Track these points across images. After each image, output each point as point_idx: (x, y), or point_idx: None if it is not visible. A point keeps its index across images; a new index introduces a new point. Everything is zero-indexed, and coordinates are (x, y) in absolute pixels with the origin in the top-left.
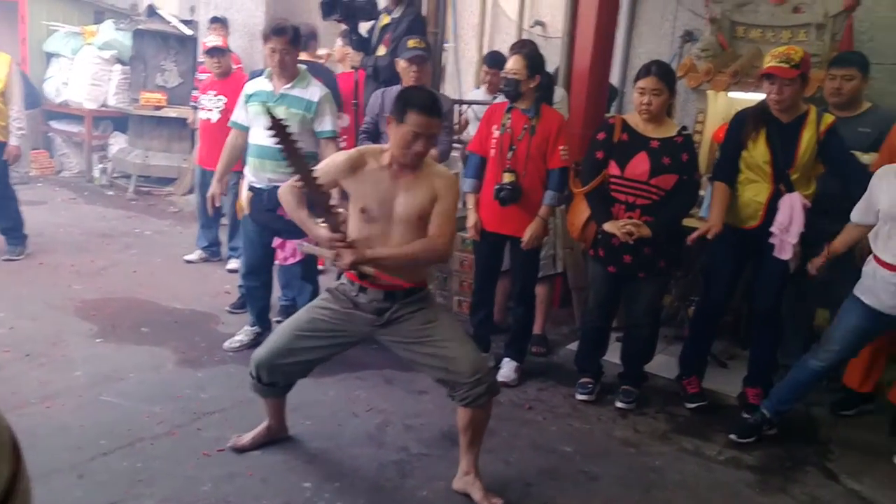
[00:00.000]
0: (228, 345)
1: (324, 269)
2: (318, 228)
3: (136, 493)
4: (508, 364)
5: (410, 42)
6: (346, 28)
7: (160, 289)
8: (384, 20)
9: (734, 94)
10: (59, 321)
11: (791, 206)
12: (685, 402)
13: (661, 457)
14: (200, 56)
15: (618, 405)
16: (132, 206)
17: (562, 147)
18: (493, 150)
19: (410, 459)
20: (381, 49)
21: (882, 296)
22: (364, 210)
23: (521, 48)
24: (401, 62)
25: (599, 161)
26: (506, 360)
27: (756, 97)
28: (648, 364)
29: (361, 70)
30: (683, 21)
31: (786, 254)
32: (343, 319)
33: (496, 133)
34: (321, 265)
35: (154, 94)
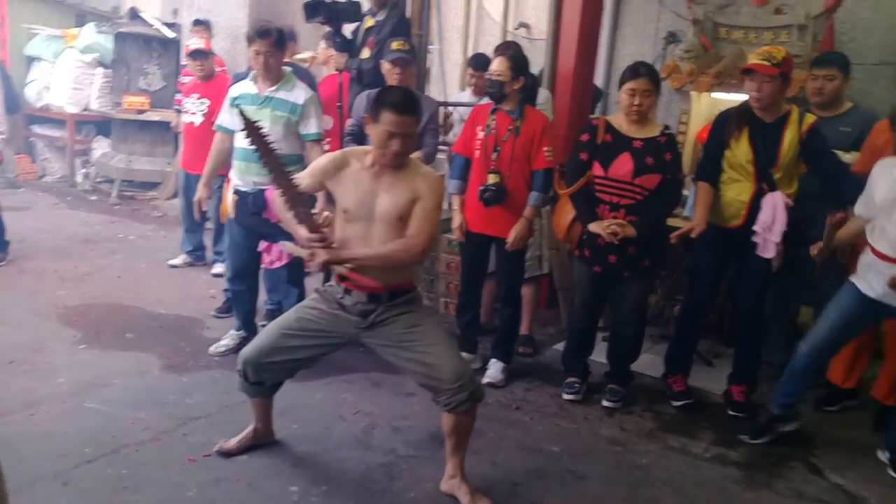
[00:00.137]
0: (214, 349)
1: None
2: (300, 228)
3: (122, 500)
4: (495, 365)
5: (394, 44)
6: (330, 30)
7: (145, 294)
8: (368, 22)
9: (717, 95)
10: (43, 328)
11: (774, 205)
12: (671, 401)
13: (648, 455)
14: (184, 59)
15: (604, 404)
16: (116, 211)
17: (546, 148)
18: (478, 152)
19: (398, 461)
20: (365, 52)
21: (874, 283)
22: (346, 210)
23: (506, 50)
24: (385, 64)
25: (583, 162)
26: (493, 361)
27: (739, 98)
28: (634, 363)
29: (346, 72)
30: (667, 23)
31: (769, 252)
32: (330, 320)
33: (481, 134)
34: (308, 268)
35: (137, 98)
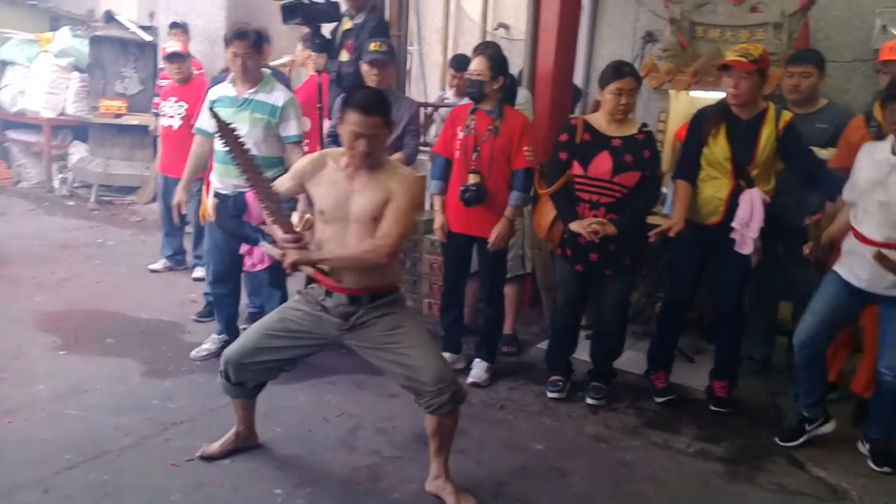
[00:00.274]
0: (196, 354)
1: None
2: (275, 229)
3: None
4: (479, 364)
5: (371, 45)
6: (307, 32)
7: (125, 299)
8: (346, 25)
9: (695, 94)
10: (20, 334)
11: (751, 202)
12: (654, 397)
13: (632, 451)
14: (161, 62)
15: (588, 402)
16: (94, 216)
17: (526, 148)
18: (458, 152)
19: (382, 462)
20: (344, 54)
21: (856, 268)
22: (322, 212)
23: (485, 49)
24: (363, 65)
25: (563, 162)
26: (477, 361)
27: (717, 96)
28: (617, 360)
29: (325, 74)
30: (644, 22)
31: (747, 248)
32: (312, 322)
33: (461, 134)
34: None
35: (114, 102)
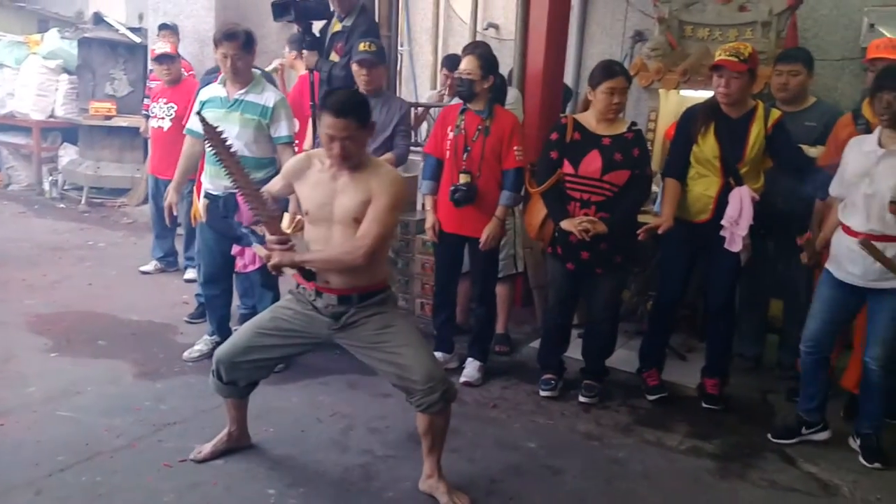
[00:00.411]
0: (188, 355)
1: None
2: (261, 230)
3: None
4: (472, 364)
5: (361, 45)
6: (295, 33)
7: (116, 301)
8: (335, 26)
9: (685, 92)
10: (11, 337)
11: (740, 200)
12: (646, 395)
13: (624, 448)
14: (150, 64)
15: (580, 400)
16: (85, 219)
17: (516, 147)
18: (449, 152)
19: (375, 462)
20: (333, 56)
21: (844, 262)
22: (307, 213)
23: (475, 49)
24: (353, 66)
25: (554, 161)
26: (469, 360)
27: (706, 94)
28: (609, 359)
29: (316, 73)
30: (633, 21)
31: (736, 246)
32: (304, 321)
33: (451, 134)
34: None
35: (104, 104)
